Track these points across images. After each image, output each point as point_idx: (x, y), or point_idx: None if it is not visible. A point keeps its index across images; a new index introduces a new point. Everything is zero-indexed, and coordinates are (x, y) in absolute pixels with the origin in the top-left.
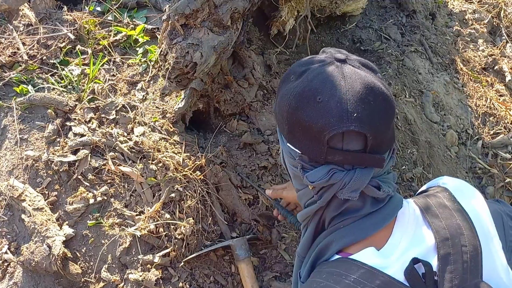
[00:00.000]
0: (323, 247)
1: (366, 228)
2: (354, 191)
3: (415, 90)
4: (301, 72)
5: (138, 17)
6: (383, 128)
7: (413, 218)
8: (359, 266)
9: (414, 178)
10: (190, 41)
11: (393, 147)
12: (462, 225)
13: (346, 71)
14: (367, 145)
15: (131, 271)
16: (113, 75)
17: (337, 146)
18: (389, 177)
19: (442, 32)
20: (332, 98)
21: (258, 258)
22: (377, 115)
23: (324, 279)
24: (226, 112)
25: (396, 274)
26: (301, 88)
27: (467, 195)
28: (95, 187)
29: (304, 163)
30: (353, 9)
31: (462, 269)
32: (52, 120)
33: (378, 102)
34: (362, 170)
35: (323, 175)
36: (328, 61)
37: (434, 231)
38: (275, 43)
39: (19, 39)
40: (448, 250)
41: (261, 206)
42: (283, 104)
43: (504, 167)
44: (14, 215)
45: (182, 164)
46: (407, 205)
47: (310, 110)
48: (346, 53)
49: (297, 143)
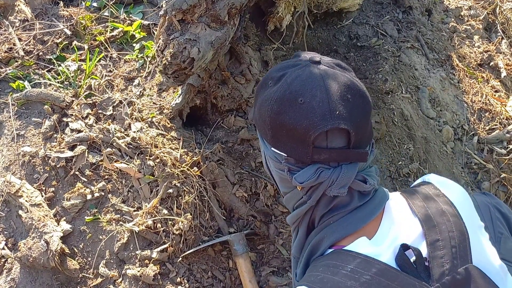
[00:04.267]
0: (315, 244)
1: (356, 222)
2: (342, 187)
3: (412, 86)
4: (279, 77)
5: (135, 13)
6: (363, 123)
7: (400, 208)
8: (354, 256)
9: (411, 173)
10: (188, 36)
11: (372, 141)
12: (448, 212)
13: (322, 72)
14: (350, 141)
15: (129, 267)
16: (110, 71)
17: (322, 145)
18: (372, 170)
19: (438, 28)
20: (314, 98)
21: (255, 253)
22: (356, 111)
23: (321, 272)
24: (223, 108)
25: (389, 261)
26: (282, 92)
27: (451, 187)
28: (93, 183)
29: (291, 165)
30: (349, 5)
31: (451, 254)
32: (49, 116)
33: (356, 99)
34: (348, 166)
35: (311, 174)
36: (304, 64)
37: (421, 219)
38: (272, 39)
39: (15, 35)
40: (436, 236)
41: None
42: (264, 110)
43: (499, 163)
44: (11, 211)
45: (179, 160)
46: (393, 196)
47: (293, 113)
48: (319, 55)
49: (282, 146)
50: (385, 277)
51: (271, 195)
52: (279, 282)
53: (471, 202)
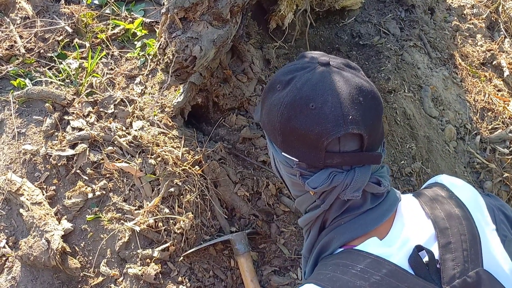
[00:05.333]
0: (325, 243)
1: (368, 223)
2: (356, 190)
3: (414, 85)
4: (288, 80)
5: (136, 11)
6: (376, 126)
7: (412, 210)
8: (365, 256)
9: (413, 172)
10: (189, 34)
11: (384, 141)
12: (460, 215)
13: (333, 75)
14: (363, 144)
15: (130, 266)
16: (111, 69)
17: (335, 149)
18: (384, 171)
19: (440, 27)
20: (325, 103)
21: (257, 252)
22: (369, 114)
23: (330, 271)
24: (225, 106)
25: (400, 262)
26: (292, 97)
27: (462, 188)
28: (94, 181)
29: (303, 170)
30: (352, 4)
31: (462, 257)
32: (50, 114)
33: (368, 100)
34: (361, 169)
35: (324, 179)
36: (313, 66)
37: (434, 221)
38: (274, 37)
39: (16, 32)
40: (448, 239)
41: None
42: (274, 115)
43: (502, 162)
44: (12, 210)
45: (181, 158)
46: (405, 198)
47: (305, 118)
48: (327, 55)
49: (293, 151)
50: (395, 278)
51: (273, 194)
52: (280, 281)
53: (483, 204)
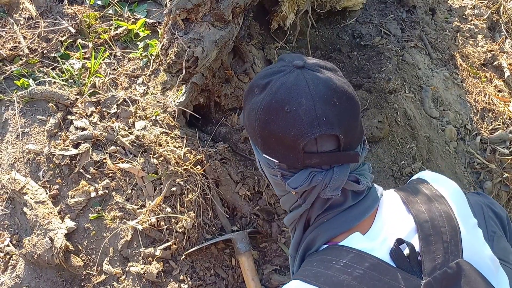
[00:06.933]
0: (310, 241)
1: (350, 220)
2: (336, 189)
3: (415, 85)
4: (264, 84)
5: (139, 11)
6: (352, 126)
7: (393, 205)
8: (348, 251)
9: (413, 173)
10: (192, 35)
11: (363, 139)
12: (440, 208)
13: (307, 77)
14: (340, 144)
15: (132, 264)
16: (114, 69)
17: (312, 149)
18: (365, 168)
19: (441, 27)
20: (300, 106)
21: (258, 251)
22: (344, 114)
23: (315, 266)
24: (227, 106)
25: (382, 256)
26: (268, 101)
27: (444, 184)
28: (97, 180)
29: (283, 171)
30: (353, 4)
31: (443, 249)
32: (53, 113)
33: (343, 101)
34: (340, 168)
35: (304, 179)
36: (288, 70)
37: (414, 215)
38: (276, 38)
39: (19, 33)
40: (429, 231)
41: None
42: (253, 119)
43: (502, 162)
44: (16, 208)
45: (183, 158)
46: (387, 193)
47: (280, 121)
48: (303, 58)
49: (273, 153)
50: (377, 271)
51: (274, 193)
52: (281, 280)
53: (464, 199)
